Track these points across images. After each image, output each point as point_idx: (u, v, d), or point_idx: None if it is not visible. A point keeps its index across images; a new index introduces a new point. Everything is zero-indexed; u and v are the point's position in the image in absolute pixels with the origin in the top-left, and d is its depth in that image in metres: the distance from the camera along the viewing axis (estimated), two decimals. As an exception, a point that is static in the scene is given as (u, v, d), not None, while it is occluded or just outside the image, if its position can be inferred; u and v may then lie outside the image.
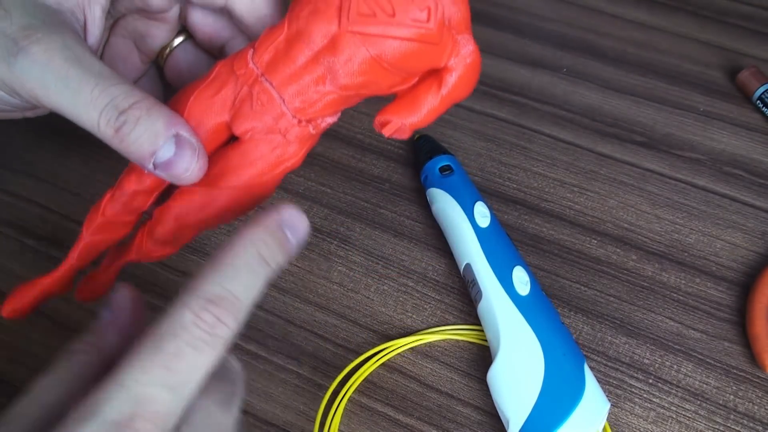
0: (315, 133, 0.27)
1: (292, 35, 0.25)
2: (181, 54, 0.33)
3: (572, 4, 0.54)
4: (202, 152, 0.25)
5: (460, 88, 0.26)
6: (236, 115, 0.26)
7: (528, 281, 0.35)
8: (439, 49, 0.25)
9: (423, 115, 0.26)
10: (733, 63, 0.50)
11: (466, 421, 0.34)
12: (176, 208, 0.27)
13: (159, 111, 0.24)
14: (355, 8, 0.24)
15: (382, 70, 0.25)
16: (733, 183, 0.43)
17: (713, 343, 0.37)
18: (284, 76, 0.25)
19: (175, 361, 0.20)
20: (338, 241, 0.40)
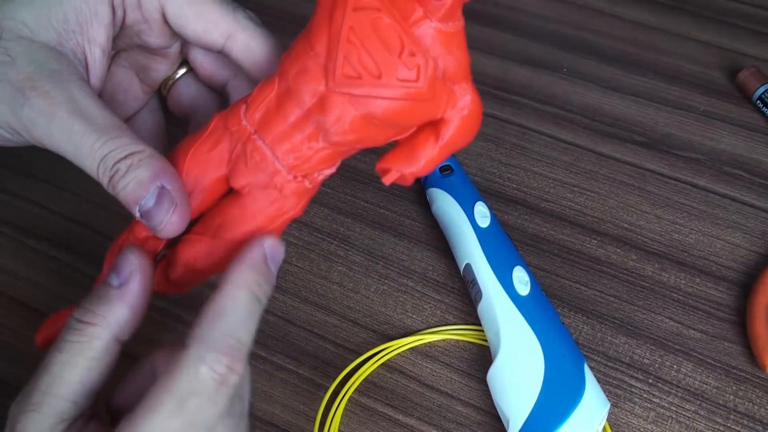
0: (312, 186, 0.27)
1: (282, 93, 0.25)
2: (183, 86, 0.33)
3: (572, 4, 0.54)
4: (181, 209, 0.26)
5: (459, 138, 0.26)
6: (233, 171, 0.26)
7: (528, 281, 0.35)
8: (432, 104, 0.24)
9: (422, 165, 0.26)
10: (733, 63, 0.50)
11: (466, 421, 0.34)
12: (184, 255, 0.27)
13: (149, 163, 0.25)
14: (341, 70, 0.23)
15: (373, 128, 0.24)
16: (733, 183, 0.43)
17: (713, 343, 0.37)
18: (276, 134, 0.25)
19: (196, 416, 0.23)
20: (338, 241, 0.40)
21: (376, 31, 0.23)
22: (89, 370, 0.24)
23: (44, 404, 0.23)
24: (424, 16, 0.23)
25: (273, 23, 0.54)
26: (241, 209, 0.26)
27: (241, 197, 0.26)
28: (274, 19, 0.53)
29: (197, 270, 0.27)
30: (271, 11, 0.53)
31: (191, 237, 0.27)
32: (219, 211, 0.27)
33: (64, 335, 0.24)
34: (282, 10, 0.53)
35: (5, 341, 0.37)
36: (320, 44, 0.24)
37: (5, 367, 0.36)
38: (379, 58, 0.23)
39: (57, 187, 0.43)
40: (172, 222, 0.25)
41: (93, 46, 0.28)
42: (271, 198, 0.26)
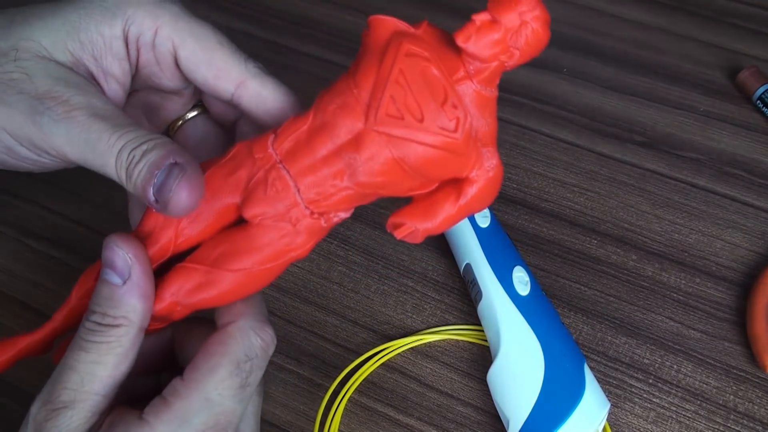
0: (326, 226, 0.26)
1: (315, 126, 0.25)
2: (191, 128, 0.33)
3: (572, 4, 0.54)
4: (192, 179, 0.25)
5: (480, 200, 0.26)
6: (248, 198, 0.26)
7: (528, 281, 0.35)
8: (463, 159, 0.25)
9: (438, 222, 0.26)
10: (733, 63, 0.50)
11: (466, 421, 0.34)
12: (174, 285, 0.26)
13: (162, 144, 0.25)
14: (384, 109, 0.24)
15: (402, 173, 0.25)
16: (733, 183, 0.43)
17: (713, 343, 0.37)
18: (303, 165, 0.25)
19: (250, 378, 0.25)
20: (338, 241, 0.40)
21: (424, 78, 0.23)
22: (119, 365, 0.25)
23: (77, 401, 0.24)
24: (466, 76, 0.24)
25: (273, 23, 0.54)
26: (248, 240, 0.26)
27: (250, 228, 0.26)
28: (275, 19, 0.53)
29: (182, 303, 0.26)
30: (271, 11, 0.53)
31: (184, 265, 0.26)
32: (221, 241, 0.26)
33: (86, 336, 0.25)
34: (282, 10, 0.54)
35: (5, 341, 0.37)
36: (366, 83, 0.24)
37: (5, 367, 0.36)
38: (424, 103, 0.23)
39: (57, 187, 0.43)
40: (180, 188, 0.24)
41: (109, 78, 0.28)
42: (283, 232, 0.26)
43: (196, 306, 0.26)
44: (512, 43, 0.23)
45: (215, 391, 0.24)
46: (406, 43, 0.24)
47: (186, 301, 0.26)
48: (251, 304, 0.26)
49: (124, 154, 0.25)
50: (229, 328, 0.25)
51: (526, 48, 0.23)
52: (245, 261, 0.26)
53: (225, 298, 0.26)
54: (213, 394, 0.24)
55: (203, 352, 0.25)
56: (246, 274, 0.26)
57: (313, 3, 0.54)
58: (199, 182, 0.25)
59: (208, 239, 0.26)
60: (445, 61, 0.24)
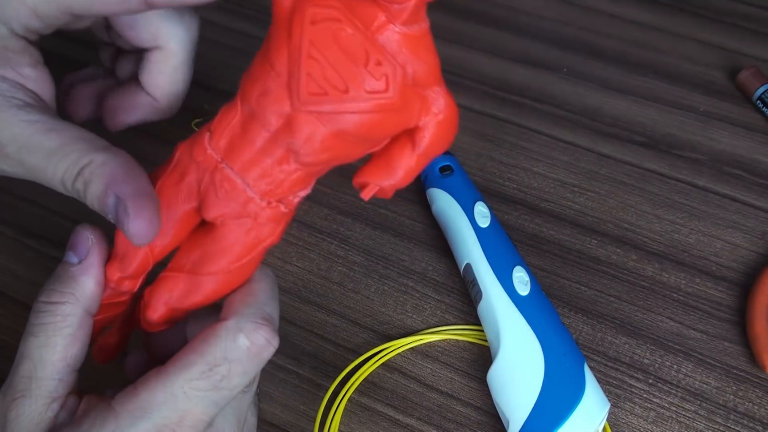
0: (288, 210, 0.25)
1: (246, 117, 0.24)
2: None
3: (572, 4, 0.54)
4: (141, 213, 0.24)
5: (436, 145, 0.24)
6: (204, 203, 0.25)
7: (528, 281, 0.35)
8: (405, 113, 0.23)
9: (400, 177, 0.25)
10: (733, 63, 0.50)
11: (466, 421, 0.34)
12: (164, 294, 0.26)
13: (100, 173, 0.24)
14: (305, 88, 0.22)
15: (346, 144, 0.23)
16: (733, 183, 0.43)
17: (713, 343, 0.37)
18: (244, 160, 0.24)
19: (225, 382, 0.24)
20: (338, 241, 0.40)
21: (338, 43, 0.22)
22: (68, 347, 0.25)
23: (32, 388, 0.24)
24: (386, 21, 0.22)
25: (273, 23, 0.54)
26: (217, 242, 0.25)
27: (216, 229, 0.25)
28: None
29: (178, 309, 0.26)
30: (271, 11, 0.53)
31: (167, 275, 0.26)
32: (194, 246, 0.26)
33: (33, 320, 0.25)
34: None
35: (5, 341, 0.37)
36: (280, 63, 0.23)
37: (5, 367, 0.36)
38: (345, 71, 0.22)
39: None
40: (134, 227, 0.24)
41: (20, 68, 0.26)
42: (247, 227, 0.25)
43: (190, 308, 0.26)
44: None
45: (182, 389, 0.23)
46: (311, 7, 0.22)
47: (178, 307, 0.26)
48: (253, 302, 0.25)
49: (68, 185, 0.25)
50: (218, 326, 0.24)
51: None
52: (220, 262, 0.25)
53: (213, 298, 0.26)
54: (179, 391, 0.23)
55: (187, 346, 0.24)
56: (224, 273, 0.26)
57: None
58: (150, 212, 0.24)
59: (182, 243, 0.26)
60: (359, 11, 0.22)
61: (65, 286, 0.25)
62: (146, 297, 0.27)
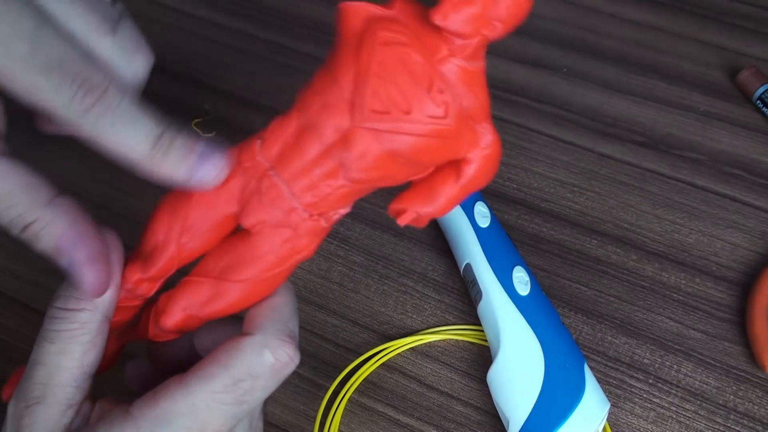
0: (327, 225, 0.26)
1: (301, 128, 0.24)
2: None
3: (572, 4, 0.54)
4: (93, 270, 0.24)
5: (479, 178, 0.25)
6: (244, 209, 0.25)
7: (528, 281, 0.35)
8: (457, 143, 0.24)
9: (440, 205, 0.25)
10: (733, 63, 0.50)
11: (466, 421, 0.34)
12: (184, 299, 0.26)
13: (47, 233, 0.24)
14: (369, 105, 0.23)
15: (396, 165, 0.24)
16: (733, 183, 0.43)
17: (713, 343, 0.37)
18: (294, 170, 0.24)
19: (247, 396, 0.24)
20: (338, 241, 0.40)
21: (406, 66, 0.22)
22: (86, 354, 0.24)
23: (47, 395, 0.23)
24: (448, 54, 0.23)
25: (273, 23, 0.54)
26: (251, 249, 0.25)
27: (251, 236, 0.25)
28: (275, 19, 0.53)
29: (196, 316, 0.26)
30: (272, 11, 0.53)
31: (191, 279, 0.26)
32: (224, 252, 0.26)
33: (49, 326, 0.24)
34: (282, 10, 0.53)
35: (5, 341, 0.37)
36: (346, 79, 0.23)
37: (5, 367, 0.36)
38: (409, 93, 0.23)
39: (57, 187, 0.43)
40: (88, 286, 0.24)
41: None
42: (284, 237, 0.25)
43: (210, 317, 0.26)
44: (492, 16, 0.22)
45: (204, 401, 0.23)
46: (381, 30, 0.23)
47: (198, 314, 0.26)
48: (277, 318, 0.25)
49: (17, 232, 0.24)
50: (243, 340, 0.24)
51: (507, 18, 0.22)
52: (251, 270, 0.25)
53: (236, 307, 0.26)
54: (201, 403, 0.23)
55: (209, 357, 0.24)
56: (253, 282, 0.25)
57: (313, 3, 0.54)
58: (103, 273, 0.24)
59: (211, 250, 0.26)
60: (425, 41, 0.23)
61: (75, 292, 0.25)
62: (162, 303, 0.26)
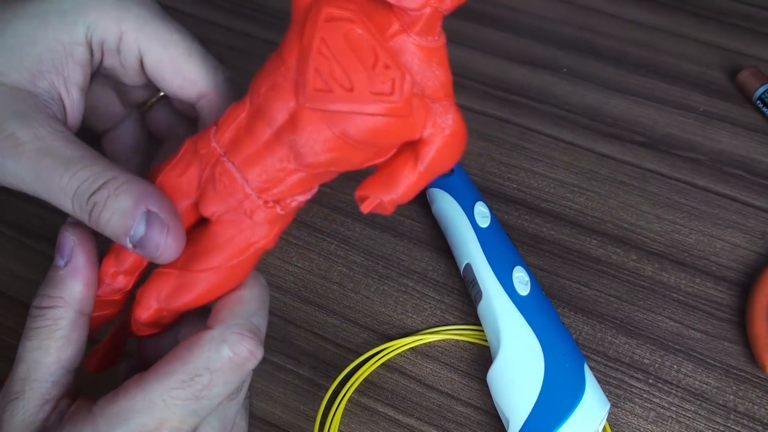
0: (284, 213, 0.25)
1: (252, 112, 0.24)
2: (161, 108, 0.33)
3: (572, 4, 0.54)
4: (174, 229, 0.25)
5: (440, 161, 0.24)
6: (202, 197, 0.25)
7: (528, 281, 0.35)
8: (409, 121, 0.23)
9: (401, 192, 0.24)
10: (733, 63, 0.50)
11: (466, 421, 0.34)
12: (154, 291, 0.26)
13: (128, 188, 0.24)
14: (311, 84, 0.22)
15: (349, 147, 0.23)
16: (733, 183, 0.43)
17: (713, 343, 0.37)
18: (246, 156, 0.24)
19: (205, 392, 0.23)
20: (338, 241, 0.40)
21: (349, 42, 0.22)
22: (62, 349, 0.25)
23: (26, 390, 0.24)
24: (400, 30, 0.22)
25: (273, 23, 0.54)
26: (211, 239, 0.25)
27: (211, 226, 0.25)
28: (275, 19, 0.53)
29: (169, 308, 0.26)
30: (272, 11, 0.53)
31: (159, 271, 0.26)
32: (189, 243, 0.26)
33: (29, 324, 0.25)
34: (282, 10, 0.53)
35: (5, 341, 0.37)
36: (291, 58, 0.23)
37: (5, 367, 0.36)
38: (351, 70, 0.22)
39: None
40: (168, 245, 0.24)
41: (70, 85, 0.27)
42: (242, 226, 0.25)
43: (181, 309, 0.26)
44: None
45: (161, 397, 0.23)
46: (326, 6, 0.22)
47: (168, 306, 0.26)
48: (241, 311, 0.25)
49: (83, 197, 0.24)
50: (202, 335, 0.24)
51: None
52: (212, 260, 0.25)
53: (203, 299, 0.26)
54: (158, 399, 0.23)
55: (170, 353, 0.24)
56: (216, 272, 0.25)
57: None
58: (181, 230, 0.25)
59: None
60: (375, 17, 0.22)
61: (54, 290, 0.25)
62: (138, 295, 0.27)
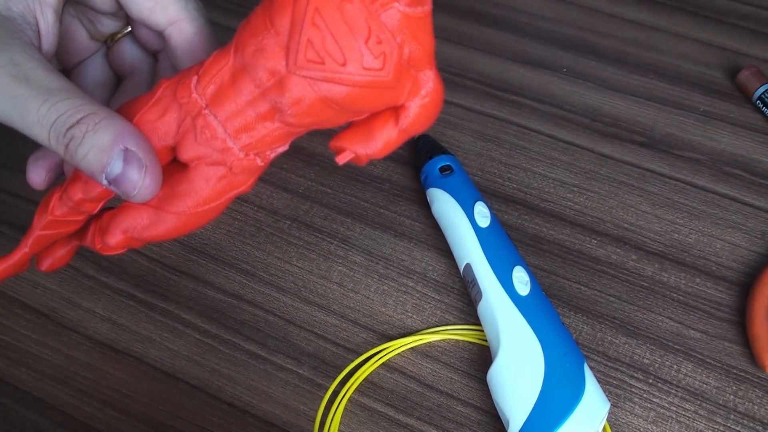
0: (263, 164, 0.26)
1: (237, 68, 0.24)
2: (127, 44, 0.32)
3: (572, 4, 0.54)
4: (152, 169, 0.25)
5: (419, 123, 0.25)
6: (180, 144, 0.25)
7: (528, 281, 0.35)
8: (395, 92, 0.24)
9: (378, 148, 0.25)
10: (733, 63, 0.50)
11: (466, 421, 0.34)
12: (125, 222, 0.27)
13: (107, 125, 0.24)
14: (303, 53, 0.22)
15: (332, 111, 0.24)
16: (733, 183, 0.43)
17: (713, 343, 0.37)
18: (229, 110, 0.24)
19: None
20: (338, 241, 0.40)
21: (343, 14, 0.22)
22: None
23: None
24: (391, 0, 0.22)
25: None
26: (188, 183, 0.26)
27: (188, 170, 0.26)
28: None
29: (136, 238, 0.27)
30: (271, 11, 0.53)
31: (132, 204, 0.26)
32: (164, 182, 0.26)
33: None
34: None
35: (5, 341, 0.37)
36: (282, 22, 0.23)
37: (5, 367, 0.36)
38: (345, 44, 0.22)
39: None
40: (146, 185, 0.24)
41: (44, 7, 0.26)
42: (220, 174, 0.25)
43: (148, 240, 0.27)
44: None
45: None
46: None
47: (138, 236, 0.27)
48: None
49: (60, 129, 0.24)
50: None
51: None
52: (186, 203, 0.26)
53: (174, 233, 0.27)
54: None
55: None
56: (188, 215, 0.26)
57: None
58: (159, 171, 0.25)
59: None
60: None
61: None
62: (105, 221, 0.27)
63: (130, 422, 0.34)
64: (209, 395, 0.35)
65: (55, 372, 0.35)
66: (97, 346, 0.36)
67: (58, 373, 0.35)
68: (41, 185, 0.29)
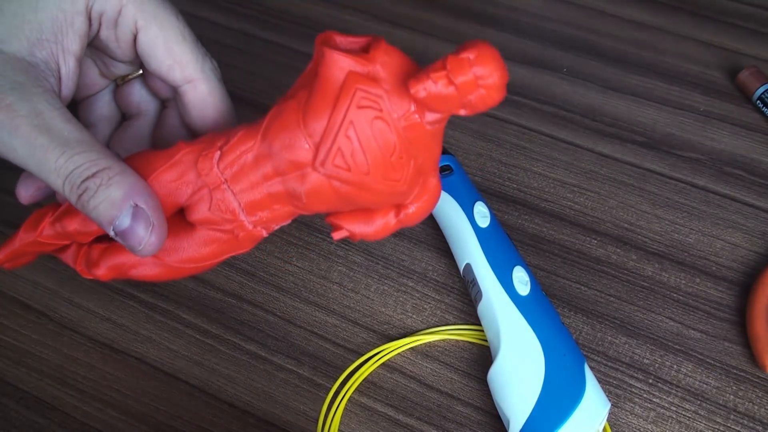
0: (266, 235, 0.28)
1: (262, 155, 0.25)
2: (137, 85, 0.33)
3: (572, 4, 0.54)
4: (159, 228, 0.25)
5: (416, 219, 0.27)
6: (192, 207, 0.27)
7: (528, 281, 0.35)
8: (406, 197, 0.26)
9: (374, 231, 0.27)
10: (733, 63, 0.50)
11: (466, 421, 0.34)
12: (116, 259, 0.27)
13: (120, 180, 0.25)
14: (332, 159, 0.24)
15: (344, 205, 0.26)
16: (733, 183, 0.43)
17: (713, 343, 0.37)
18: (246, 187, 0.26)
19: None
20: (338, 241, 0.40)
21: (373, 130, 0.24)
22: None
23: None
24: (414, 111, 0.24)
25: (273, 23, 0.54)
26: (191, 240, 0.27)
27: (194, 230, 0.27)
28: (275, 19, 0.53)
29: (124, 275, 0.28)
30: (272, 11, 0.53)
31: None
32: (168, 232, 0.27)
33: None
34: (282, 10, 0.54)
35: (5, 341, 0.37)
36: (316, 127, 0.24)
37: (5, 367, 0.36)
38: (371, 157, 0.24)
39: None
40: (151, 242, 0.25)
41: (67, 55, 0.27)
42: (224, 239, 0.27)
43: (133, 278, 0.28)
44: (466, 102, 0.23)
45: None
46: (360, 92, 0.24)
47: (125, 273, 0.28)
48: None
49: (76, 180, 0.24)
50: None
51: (475, 106, 0.23)
52: (185, 257, 0.27)
53: (163, 279, 0.28)
54: None
55: None
56: (185, 268, 0.27)
57: (313, 3, 0.54)
58: (164, 229, 0.26)
59: None
60: (398, 95, 0.24)
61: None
62: (96, 254, 0.28)
63: (130, 422, 0.34)
64: (209, 395, 0.35)
65: (55, 372, 0.35)
66: (97, 346, 0.36)
67: (58, 373, 0.35)
68: (26, 200, 0.30)
